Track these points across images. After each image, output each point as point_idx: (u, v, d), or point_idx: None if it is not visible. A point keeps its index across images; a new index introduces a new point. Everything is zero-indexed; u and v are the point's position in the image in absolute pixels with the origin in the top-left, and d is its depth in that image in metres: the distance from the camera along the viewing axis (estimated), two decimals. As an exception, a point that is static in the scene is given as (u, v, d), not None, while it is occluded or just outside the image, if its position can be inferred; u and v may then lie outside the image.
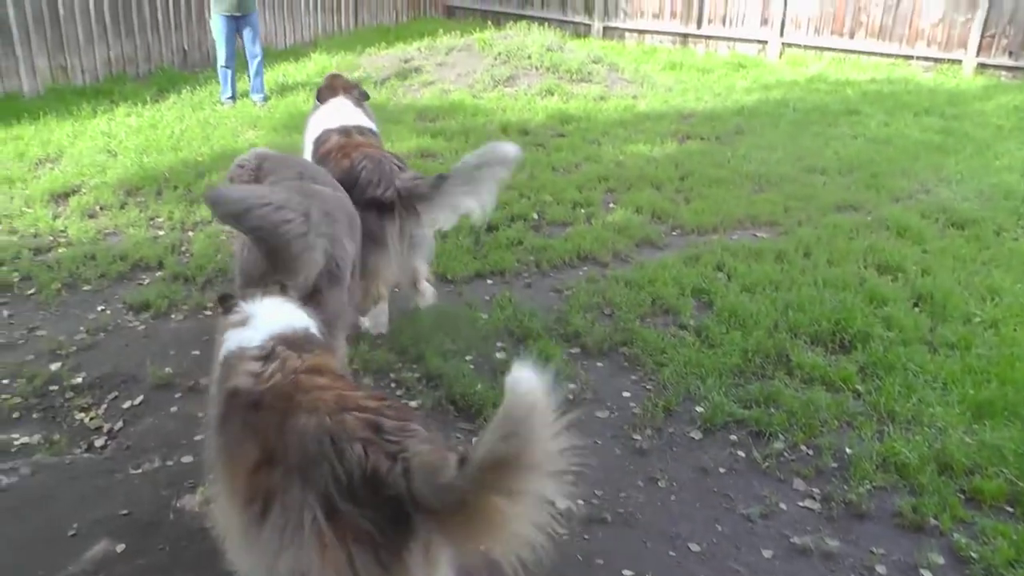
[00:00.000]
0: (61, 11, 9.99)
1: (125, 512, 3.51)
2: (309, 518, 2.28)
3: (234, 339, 2.78)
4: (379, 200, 4.61)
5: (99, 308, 5.24)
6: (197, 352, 4.73)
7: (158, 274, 5.70)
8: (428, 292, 5.25)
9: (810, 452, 4.01)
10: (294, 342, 2.73)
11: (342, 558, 2.25)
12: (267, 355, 2.65)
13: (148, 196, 6.98)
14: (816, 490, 3.78)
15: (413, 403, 4.31)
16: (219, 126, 9.05)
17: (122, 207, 6.75)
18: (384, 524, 2.24)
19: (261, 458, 2.44)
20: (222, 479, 2.67)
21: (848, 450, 4.01)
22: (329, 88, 5.66)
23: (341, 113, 5.40)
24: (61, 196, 6.91)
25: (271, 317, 2.86)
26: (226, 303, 2.99)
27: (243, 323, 2.84)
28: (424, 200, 4.68)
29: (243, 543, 2.57)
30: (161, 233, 6.36)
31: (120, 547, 3.32)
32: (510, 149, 4.68)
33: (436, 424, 4.09)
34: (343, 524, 2.25)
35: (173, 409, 4.27)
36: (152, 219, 6.59)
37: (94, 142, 8.25)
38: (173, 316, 5.19)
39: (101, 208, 6.73)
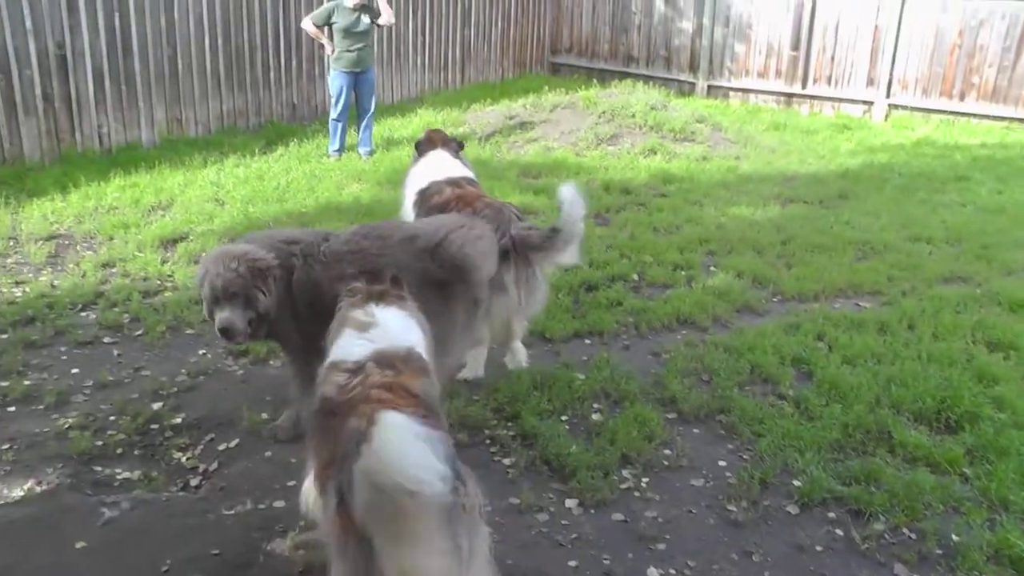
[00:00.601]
0: (180, 67, 10.61)
1: (216, 552, 3.64)
2: (330, 506, 2.62)
3: (343, 348, 3.08)
4: (501, 247, 4.81)
5: (200, 352, 5.48)
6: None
7: (259, 320, 5.94)
8: (520, 353, 5.37)
9: (912, 536, 3.90)
10: (389, 360, 3.00)
11: (343, 542, 2.54)
12: (357, 369, 2.94)
13: (252, 244, 7.27)
14: (919, 577, 3.67)
15: (507, 460, 4.38)
16: (324, 179, 9.38)
17: (227, 255, 7.05)
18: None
19: (329, 460, 2.74)
20: (312, 471, 2.96)
21: (955, 537, 3.87)
22: (428, 141, 5.88)
23: (444, 165, 5.59)
24: (170, 242, 7.27)
25: (386, 330, 3.14)
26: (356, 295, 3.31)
27: (364, 327, 3.12)
28: (537, 250, 4.91)
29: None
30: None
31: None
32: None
33: (529, 484, 4.18)
34: (346, 513, 2.52)
35: (267, 454, 4.42)
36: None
37: (203, 191, 8.67)
38: (271, 363, 5.39)
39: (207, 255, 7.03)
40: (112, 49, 9.80)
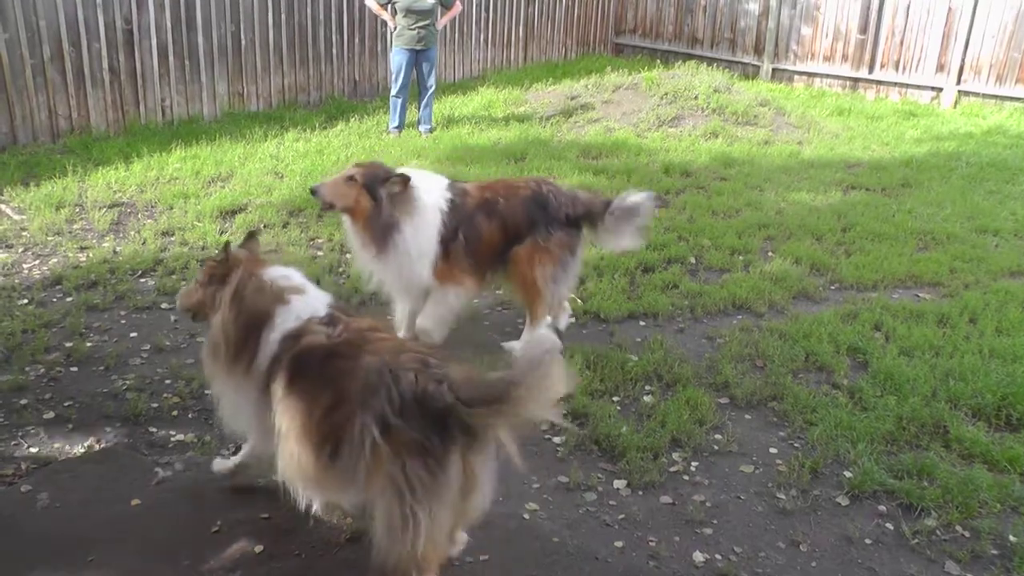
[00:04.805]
0: (243, 42, 10.76)
1: (266, 516, 3.72)
2: (369, 440, 2.85)
3: (294, 312, 3.30)
4: (572, 217, 5.08)
5: None
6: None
7: (314, 293, 6.03)
8: (566, 314, 5.56)
9: (966, 534, 3.83)
10: (345, 311, 3.38)
11: (398, 467, 2.81)
12: (331, 320, 3.25)
13: (310, 218, 7.38)
14: (972, 576, 3.61)
15: (556, 439, 4.41)
16: (383, 155, 9.41)
17: (284, 226, 7.17)
18: (430, 434, 2.81)
19: (334, 400, 3.00)
20: (295, 429, 3.09)
21: (1012, 538, 3.79)
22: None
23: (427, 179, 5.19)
24: (229, 213, 7.40)
25: (315, 296, 3.43)
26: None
27: (300, 289, 3.40)
28: (599, 219, 5.12)
29: (317, 482, 3.12)
30: (320, 253, 6.71)
31: (258, 548, 3.53)
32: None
33: (578, 463, 4.21)
34: (397, 438, 2.83)
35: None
36: (312, 240, 6.97)
37: (263, 164, 8.80)
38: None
39: (265, 226, 7.14)
40: (176, 24, 9.99)
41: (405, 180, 4.74)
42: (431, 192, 4.92)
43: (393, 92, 10.46)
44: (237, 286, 3.40)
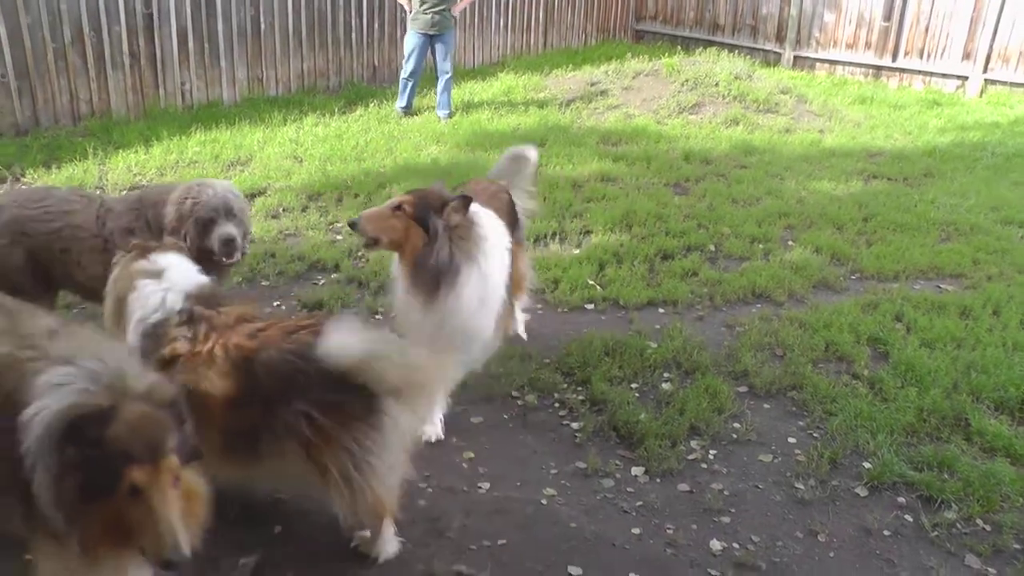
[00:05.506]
0: (262, 26, 10.75)
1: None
2: (305, 423, 2.92)
3: (151, 302, 3.20)
4: None
5: (275, 303, 5.59)
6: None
7: (333, 276, 6.04)
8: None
9: (987, 528, 3.80)
10: (208, 299, 3.25)
11: (342, 434, 2.95)
12: (189, 319, 3.13)
13: (329, 202, 7.39)
14: (993, 571, 3.56)
15: (575, 425, 4.42)
16: (403, 139, 9.44)
17: (303, 210, 7.18)
18: (359, 402, 2.95)
19: (235, 399, 2.99)
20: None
21: (1034, 533, 3.77)
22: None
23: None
24: (248, 196, 7.30)
25: (179, 272, 3.34)
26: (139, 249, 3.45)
27: (157, 275, 3.28)
28: None
29: (232, 467, 3.14)
30: (339, 238, 6.71)
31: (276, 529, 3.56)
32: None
33: (596, 449, 4.21)
34: (337, 412, 2.94)
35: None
36: (331, 224, 6.97)
37: (282, 148, 8.81)
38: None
39: (284, 210, 7.17)
40: (196, 9, 10.00)
41: (466, 203, 3.99)
42: (495, 226, 4.29)
43: (404, 74, 10.50)
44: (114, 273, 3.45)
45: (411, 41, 10.34)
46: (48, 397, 2.39)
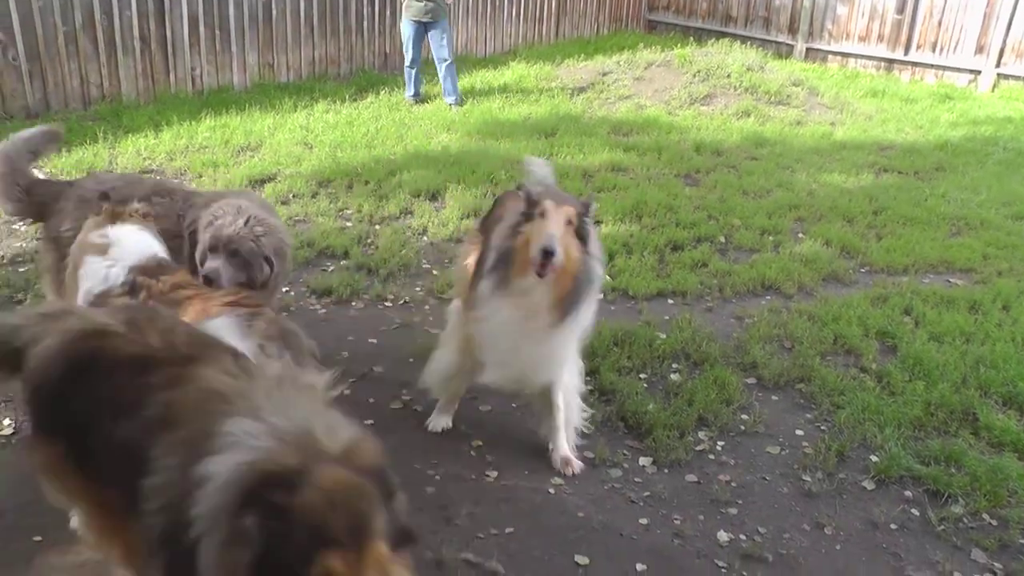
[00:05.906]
0: (274, 12, 10.73)
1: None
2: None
3: (97, 274, 3.26)
4: None
5: (284, 289, 5.51)
6: (374, 340, 5.03)
7: (343, 262, 6.05)
8: None
9: (994, 523, 3.80)
10: (153, 269, 3.30)
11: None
12: (132, 289, 3.19)
13: (339, 188, 7.39)
14: (999, 566, 3.56)
15: (583, 414, 4.42)
16: (413, 127, 9.44)
17: (313, 197, 7.18)
18: None
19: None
20: None
21: (1042, 528, 3.77)
22: None
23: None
24: (258, 182, 7.42)
25: (127, 246, 3.37)
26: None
27: (103, 250, 3.33)
28: None
29: None
30: (349, 224, 6.71)
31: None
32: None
33: (604, 439, 4.22)
34: None
35: (346, 393, 4.48)
36: (341, 211, 6.97)
37: (292, 135, 8.80)
38: (353, 304, 5.49)
39: (294, 196, 7.17)
40: (208, -6, 10.01)
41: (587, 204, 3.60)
42: None
43: (406, 63, 10.52)
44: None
45: (406, 30, 10.38)
46: (229, 452, 1.94)
